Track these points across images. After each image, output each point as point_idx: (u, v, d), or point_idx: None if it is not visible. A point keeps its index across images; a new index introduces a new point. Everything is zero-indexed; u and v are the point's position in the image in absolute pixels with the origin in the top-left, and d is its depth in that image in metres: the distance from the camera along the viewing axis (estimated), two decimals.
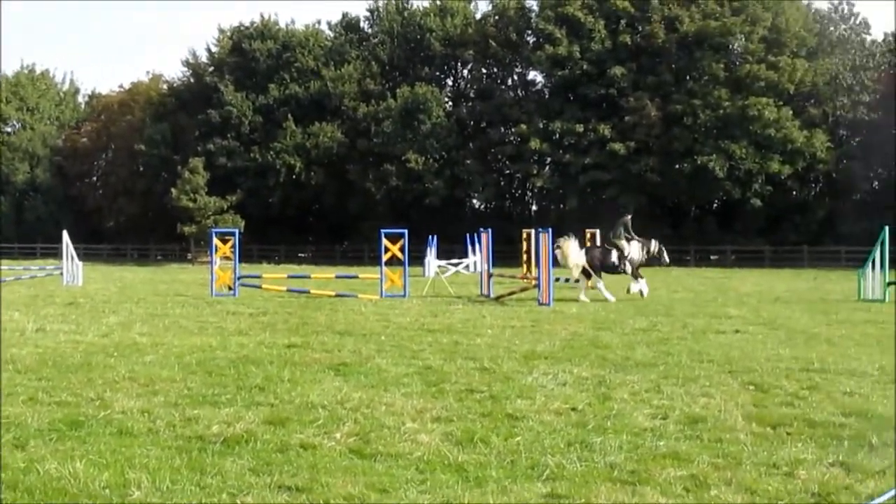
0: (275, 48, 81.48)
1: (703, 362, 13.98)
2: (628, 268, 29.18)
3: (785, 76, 66.42)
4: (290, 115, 77.46)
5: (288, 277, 34.89)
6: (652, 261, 30.59)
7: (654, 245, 30.37)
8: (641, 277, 29.31)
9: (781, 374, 12.82)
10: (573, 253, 28.48)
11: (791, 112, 66.38)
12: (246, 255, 60.47)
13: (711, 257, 67.66)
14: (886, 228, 27.99)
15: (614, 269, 29.32)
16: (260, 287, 31.31)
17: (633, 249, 29.57)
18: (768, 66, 66.50)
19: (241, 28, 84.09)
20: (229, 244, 31.83)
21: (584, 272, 28.73)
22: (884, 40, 73.95)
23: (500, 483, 7.50)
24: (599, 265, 28.95)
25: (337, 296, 28.73)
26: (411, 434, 9.07)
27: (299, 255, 77.15)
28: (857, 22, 73.68)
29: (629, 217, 30.40)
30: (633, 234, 29.97)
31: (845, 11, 73.54)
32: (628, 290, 28.91)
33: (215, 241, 31.55)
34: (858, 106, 70.40)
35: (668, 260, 31.61)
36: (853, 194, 70.92)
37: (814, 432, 9.25)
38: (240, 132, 79.24)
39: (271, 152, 76.40)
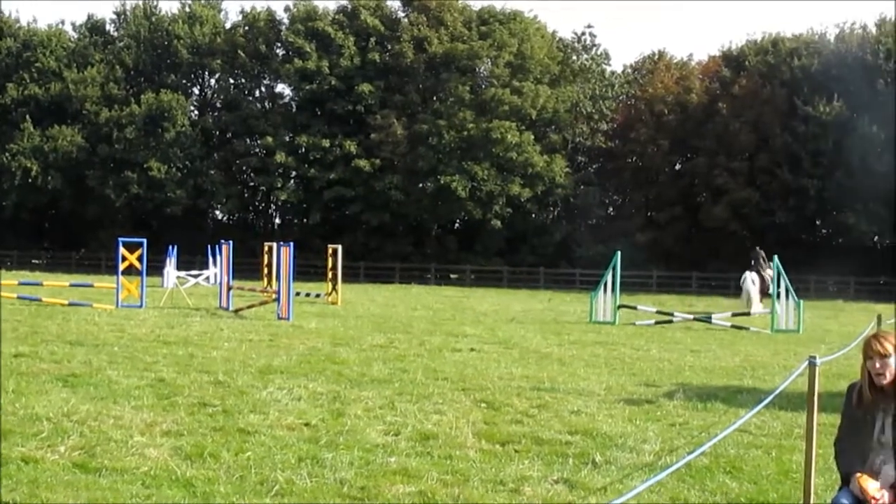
0: (14, 47, 78.69)
1: (438, 380, 14.17)
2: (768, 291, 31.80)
3: (528, 101, 67.93)
4: (28, 117, 74.80)
5: (19, 284, 33.59)
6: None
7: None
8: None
9: (513, 393, 13.10)
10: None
11: (532, 137, 67.95)
12: None
13: (451, 276, 68.37)
14: (619, 253, 29.03)
15: (767, 294, 31.84)
16: None
17: (769, 277, 31.88)
18: (512, 91, 67.87)
19: None
20: None
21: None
22: (623, 72, 77.01)
23: (227, 499, 7.43)
24: (761, 290, 31.62)
25: (70, 304, 27.89)
26: (139, 448, 8.89)
27: (33, 261, 74.38)
28: (599, 53, 76.54)
29: (760, 249, 33.71)
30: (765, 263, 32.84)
31: (588, 42, 76.29)
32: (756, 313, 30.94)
33: None
34: (597, 134, 73.04)
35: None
36: (589, 219, 73.36)
37: (541, 450, 9.49)
38: None
39: (7, 154, 73.55)
